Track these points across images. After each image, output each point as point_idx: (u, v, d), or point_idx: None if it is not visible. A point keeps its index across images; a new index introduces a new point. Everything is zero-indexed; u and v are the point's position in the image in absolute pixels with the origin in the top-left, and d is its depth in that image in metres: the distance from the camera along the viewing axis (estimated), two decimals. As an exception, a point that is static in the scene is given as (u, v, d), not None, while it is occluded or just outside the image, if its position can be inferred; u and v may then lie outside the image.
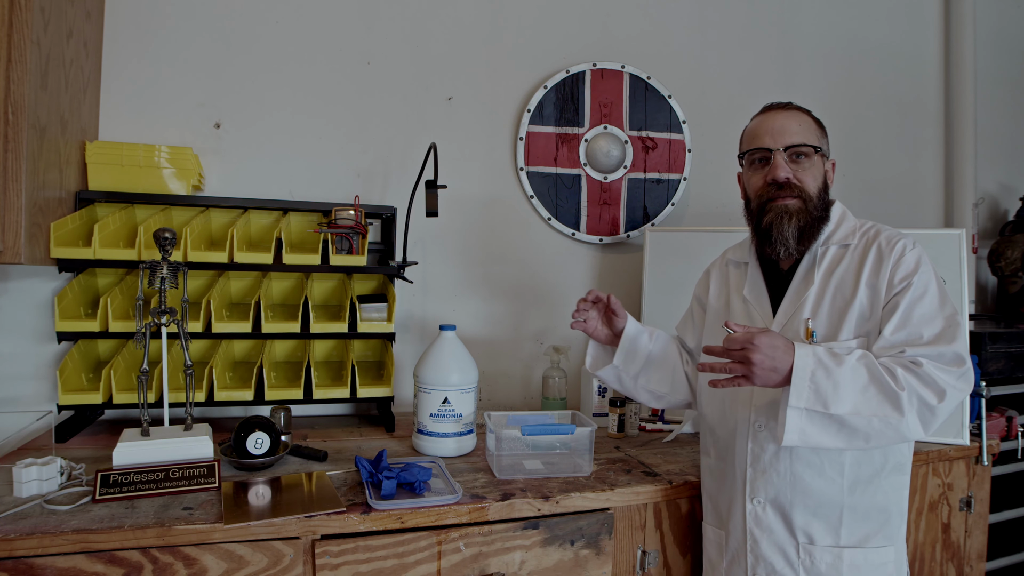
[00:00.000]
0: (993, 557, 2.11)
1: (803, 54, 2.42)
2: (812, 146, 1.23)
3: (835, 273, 1.23)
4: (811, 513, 1.20)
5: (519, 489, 1.32)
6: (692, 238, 2.00)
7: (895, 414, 1.05)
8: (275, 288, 1.82)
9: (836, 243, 1.26)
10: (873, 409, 1.06)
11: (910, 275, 1.16)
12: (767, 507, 1.23)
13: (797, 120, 1.24)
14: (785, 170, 1.22)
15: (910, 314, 1.13)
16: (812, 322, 1.21)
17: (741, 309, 1.34)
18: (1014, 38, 2.78)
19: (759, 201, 1.27)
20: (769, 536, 1.23)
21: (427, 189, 1.73)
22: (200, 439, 1.35)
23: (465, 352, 1.56)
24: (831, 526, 1.19)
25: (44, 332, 1.69)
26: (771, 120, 1.26)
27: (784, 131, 1.23)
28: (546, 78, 2.11)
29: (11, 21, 1.32)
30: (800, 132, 1.23)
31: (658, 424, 1.87)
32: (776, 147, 1.23)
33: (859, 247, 1.23)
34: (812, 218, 1.23)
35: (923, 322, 1.13)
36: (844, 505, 1.19)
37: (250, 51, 1.87)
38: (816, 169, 1.24)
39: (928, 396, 1.06)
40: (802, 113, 1.27)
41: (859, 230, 1.26)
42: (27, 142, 1.35)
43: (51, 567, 1.04)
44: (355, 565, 1.17)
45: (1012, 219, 2.65)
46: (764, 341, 1.07)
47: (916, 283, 1.15)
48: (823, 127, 1.29)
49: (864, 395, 1.07)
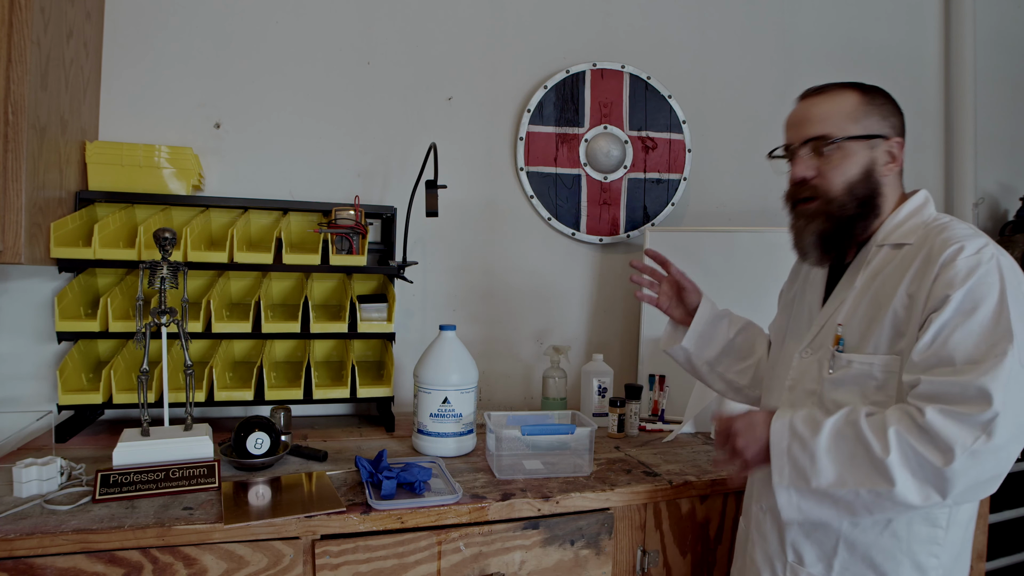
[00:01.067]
0: (993, 557, 2.11)
1: (803, 54, 2.42)
2: (834, 138, 1.05)
3: (879, 276, 1.06)
4: (804, 533, 1.09)
5: (519, 489, 1.32)
6: (692, 238, 2.00)
7: (883, 483, 0.89)
8: (275, 288, 1.82)
9: (892, 242, 1.07)
10: (859, 479, 0.91)
11: (954, 287, 0.92)
12: (767, 514, 1.16)
13: (824, 106, 1.08)
14: (804, 167, 1.08)
15: (940, 336, 0.92)
16: (842, 328, 1.08)
17: (799, 304, 1.24)
18: (1014, 38, 2.78)
19: (787, 203, 1.14)
20: (763, 544, 1.16)
21: (427, 189, 1.73)
22: (200, 439, 1.35)
23: (465, 352, 1.56)
24: (823, 553, 1.07)
25: (44, 332, 1.69)
26: (798, 110, 1.12)
27: (805, 121, 1.08)
28: (546, 78, 2.11)
29: (11, 21, 1.32)
30: (824, 120, 1.07)
31: (658, 424, 1.87)
32: (794, 142, 1.10)
33: (914, 248, 1.03)
34: (839, 219, 1.07)
35: (958, 345, 0.91)
36: (841, 536, 1.05)
37: (250, 51, 1.87)
38: (850, 159, 1.06)
39: (931, 457, 0.87)
40: (841, 93, 1.09)
41: (925, 227, 1.05)
42: (27, 142, 1.35)
43: (51, 567, 1.04)
44: (355, 565, 1.17)
45: (1012, 219, 2.65)
46: (741, 425, 1.04)
47: (962, 297, 0.92)
48: (879, 102, 1.09)
49: (851, 464, 0.93)
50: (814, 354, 1.12)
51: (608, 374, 1.87)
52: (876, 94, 1.10)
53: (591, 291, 2.20)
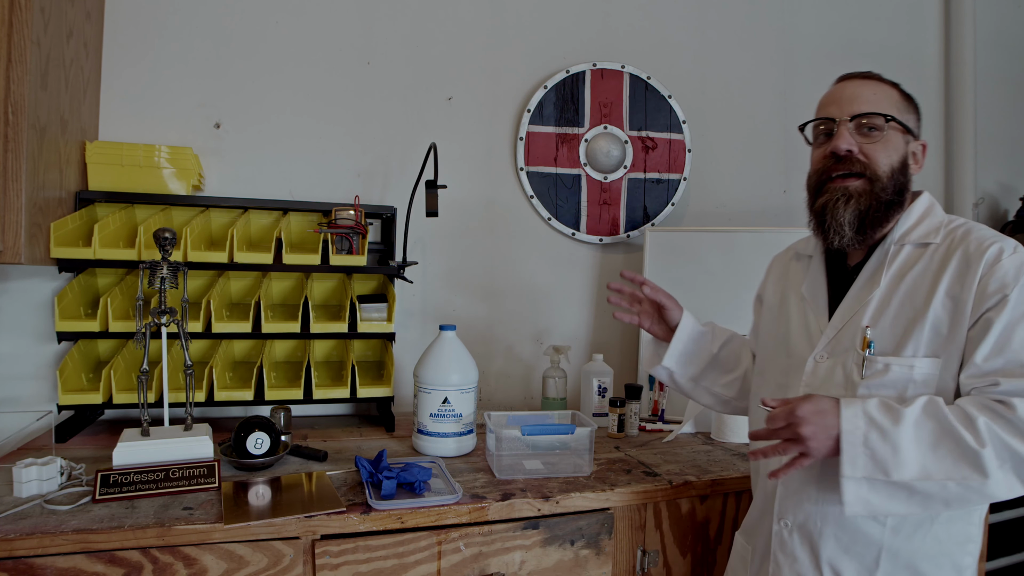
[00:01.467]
0: (993, 557, 2.11)
1: (803, 54, 2.42)
2: (887, 116, 1.04)
3: (907, 276, 1.04)
4: (843, 548, 1.03)
5: (519, 489, 1.32)
6: (692, 238, 2.00)
7: (976, 476, 0.88)
8: (275, 288, 1.82)
9: (914, 241, 1.06)
10: (947, 471, 0.89)
11: (1009, 285, 0.94)
12: (794, 532, 1.08)
13: (874, 89, 1.07)
14: (848, 141, 1.05)
15: (1009, 336, 0.93)
16: (871, 331, 1.04)
17: (797, 308, 1.19)
18: (1014, 38, 2.78)
19: (817, 179, 1.10)
20: (792, 565, 1.08)
21: (427, 189, 1.73)
22: (200, 439, 1.35)
23: (465, 352, 1.56)
24: (865, 567, 1.02)
25: (44, 332, 1.69)
26: (843, 88, 1.10)
27: (855, 98, 1.06)
28: (546, 78, 2.11)
29: (11, 21, 1.32)
30: (875, 101, 1.05)
31: (658, 424, 1.87)
32: (842, 116, 1.06)
33: (942, 248, 1.03)
34: (879, 202, 1.04)
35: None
36: (884, 547, 1.01)
37: (250, 51, 1.87)
38: (892, 145, 1.05)
39: (1021, 450, 0.88)
40: (885, 84, 1.09)
41: (945, 227, 1.06)
42: (27, 142, 1.35)
43: (51, 567, 1.04)
44: (355, 565, 1.17)
45: (1012, 219, 2.65)
46: (808, 410, 0.94)
47: (1016, 299, 0.93)
48: (914, 106, 1.11)
49: (935, 455, 0.90)
50: (833, 358, 1.08)
51: (608, 374, 1.87)
52: (911, 98, 1.12)
53: (591, 291, 2.20)
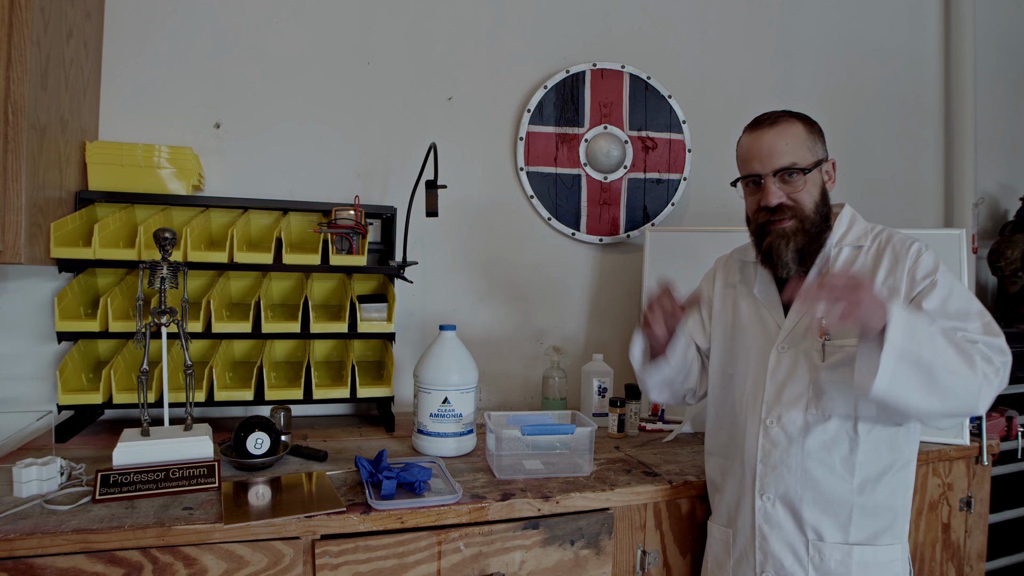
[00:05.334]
0: (993, 557, 2.11)
1: (803, 54, 2.42)
2: (802, 168, 1.21)
3: None
4: (821, 510, 1.20)
5: (519, 489, 1.32)
6: (692, 238, 2.00)
7: (971, 374, 1.04)
8: (275, 288, 1.82)
9: (849, 244, 1.26)
10: (954, 366, 1.04)
11: (931, 273, 1.17)
12: (776, 503, 1.23)
13: (785, 137, 1.22)
14: (776, 195, 1.22)
15: (945, 308, 1.14)
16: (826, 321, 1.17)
17: (750, 308, 1.33)
18: (1014, 38, 2.78)
19: (757, 223, 1.28)
20: (778, 533, 1.23)
21: (427, 189, 1.73)
22: (200, 439, 1.35)
23: (465, 352, 1.56)
24: (840, 523, 1.20)
25: (44, 332, 1.69)
26: (759, 142, 1.24)
27: (772, 153, 1.22)
28: (546, 78, 2.11)
29: (11, 21, 1.32)
30: (790, 151, 1.21)
31: (658, 424, 1.87)
32: (766, 172, 1.22)
33: (872, 249, 1.25)
34: (811, 235, 1.23)
35: (960, 316, 1.13)
36: (854, 503, 1.19)
37: (250, 51, 1.87)
38: (811, 185, 1.23)
39: (988, 369, 1.06)
40: (791, 124, 1.24)
41: (870, 233, 1.27)
42: (27, 142, 1.35)
43: (51, 567, 1.04)
44: (355, 565, 1.17)
45: (1012, 219, 2.65)
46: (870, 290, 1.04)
47: (940, 281, 1.16)
48: (817, 130, 1.26)
49: (946, 349, 1.04)
50: (795, 348, 1.24)
51: (608, 374, 1.87)
52: (812, 122, 1.27)
53: (591, 291, 2.20)
